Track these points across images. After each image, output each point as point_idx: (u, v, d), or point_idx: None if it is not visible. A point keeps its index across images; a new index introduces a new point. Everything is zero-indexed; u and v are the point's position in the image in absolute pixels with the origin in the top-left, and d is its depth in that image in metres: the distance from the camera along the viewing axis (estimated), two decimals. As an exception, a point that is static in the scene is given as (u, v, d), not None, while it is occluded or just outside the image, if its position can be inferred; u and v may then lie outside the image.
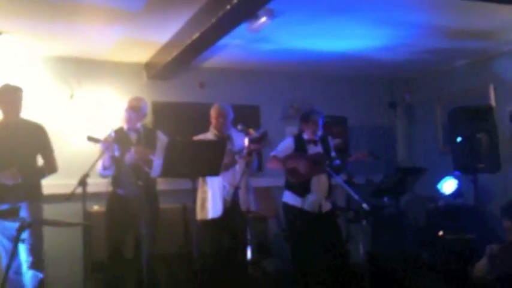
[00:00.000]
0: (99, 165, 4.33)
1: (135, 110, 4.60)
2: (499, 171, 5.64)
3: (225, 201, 4.63)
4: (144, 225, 4.38)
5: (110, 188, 4.53)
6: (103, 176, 4.41)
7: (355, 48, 5.88)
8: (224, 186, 4.65)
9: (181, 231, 4.98)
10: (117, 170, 4.44)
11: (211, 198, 4.68)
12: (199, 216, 4.67)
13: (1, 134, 4.22)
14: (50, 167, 4.37)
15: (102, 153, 4.27)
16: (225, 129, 4.78)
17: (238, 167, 4.69)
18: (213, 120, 4.82)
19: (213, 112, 4.83)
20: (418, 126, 7.57)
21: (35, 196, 4.28)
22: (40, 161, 4.40)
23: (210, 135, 4.79)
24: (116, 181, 4.51)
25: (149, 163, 4.43)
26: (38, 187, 4.36)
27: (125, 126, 4.61)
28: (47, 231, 4.39)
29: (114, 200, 4.52)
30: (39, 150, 4.39)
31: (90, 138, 4.21)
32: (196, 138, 4.73)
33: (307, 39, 5.52)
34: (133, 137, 4.56)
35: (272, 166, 4.82)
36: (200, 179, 4.67)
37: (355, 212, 5.48)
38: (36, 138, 4.37)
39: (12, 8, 4.24)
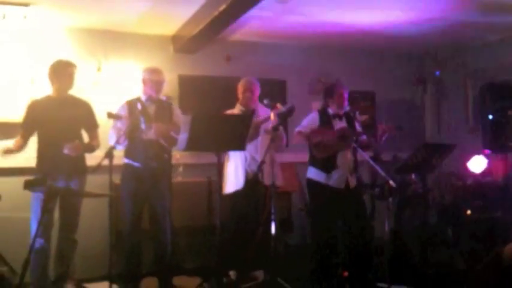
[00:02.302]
0: (111, 138, 4.34)
1: (156, 81, 4.57)
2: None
3: (247, 174, 4.63)
4: (162, 198, 4.44)
5: (124, 160, 4.51)
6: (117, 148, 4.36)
7: (384, 21, 5.76)
8: (246, 159, 4.65)
9: (206, 205, 5.00)
10: (134, 144, 4.41)
11: (233, 171, 4.69)
12: (225, 189, 4.70)
13: (52, 109, 4.35)
14: (95, 143, 4.51)
15: (116, 126, 4.36)
16: (251, 104, 4.76)
17: (261, 141, 4.68)
18: (240, 95, 4.80)
19: (240, 86, 4.81)
20: (447, 103, 7.42)
21: (84, 170, 4.45)
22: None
23: (236, 110, 4.77)
24: (131, 154, 4.47)
25: (168, 138, 4.44)
26: (85, 161, 4.49)
27: (143, 97, 4.59)
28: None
29: (131, 171, 4.48)
30: (85, 126, 4.52)
31: (110, 115, 4.24)
32: (224, 112, 4.72)
33: (335, 12, 5.42)
34: (151, 109, 4.53)
35: (297, 141, 4.76)
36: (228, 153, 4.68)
37: (380, 189, 5.43)
38: (84, 114, 4.52)
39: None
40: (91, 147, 4.50)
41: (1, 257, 4.48)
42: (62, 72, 4.39)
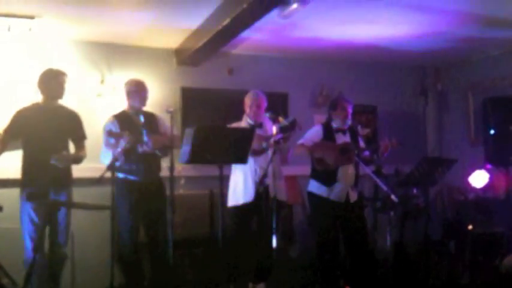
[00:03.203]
0: (105, 157, 4.24)
1: (141, 92, 4.57)
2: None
3: (256, 187, 4.64)
4: (159, 212, 4.43)
5: (119, 175, 4.38)
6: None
7: (386, 35, 5.79)
8: (256, 171, 4.65)
9: (208, 217, 5.00)
10: (129, 158, 4.36)
11: (243, 183, 4.68)
12: (230, 201, 4.69)
13: (39, 117, 4.30)
14: (82, 154, 4.50)
15: (109, 143, 4.26)
16: (258, 118, 4.77)
17: (271, 153, 4.69)
18: (247, 109, 4.80)
19: (247, 100, 4.82)
20: (449, 116, 7.44)
21: (71, 181, 4.43)
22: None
23: (243, 123, 4.78)
24: (127, 169, 4.41)
25: (164, 149, 4.46)
26: (71, 173, 4.46)
27: (131, 110, 4.57)
28: (76, 214, 4.49)
29: (128, 187, 4.42)
30: (72, 136, 4.48)
31: (110, 134, 4.21)
32: (230, 126, 4.72)
33: (337, 26, 5.45)
34: (139, 120, 4.47)
35: (298, 154, 4.76)
36: (233, 165, 4.67)
37: (382, 202, 5.43)
38: (71, 125, 4.47)
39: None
40: (78, 158, 4.46)
41: (2, 268, 4.46)
42: (52, 80, 4.34)
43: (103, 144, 4.37)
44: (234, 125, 4.77)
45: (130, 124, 4.39)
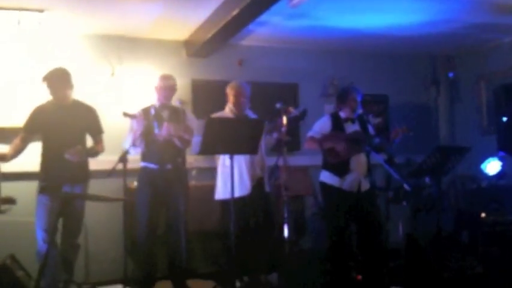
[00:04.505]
0: (127, 141, 4.40)
1: (168, 87, 4.64)
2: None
3: (252, 179, 4.64)
4: (176, 202, 4.47)
5: (141, 164, 4.60)
6: (131, 152, 4.39)
7: (396, 23, 5.74)
8: (252, 164, 4.66)
9: (218, 209, 5.00)
10: (150, 146, 4.49)
11: (237, 175, 4.66)
12: (222, 194, 4.68)
13: (55, 114, 4.38)
14: (99, 148, 4.53)
15: (131, 129, 4.40)
16: (243, 109, 4.76)
17: (263, 145, 4.69)
18: (233, 98, 4.77)
19: (232, 90, 4.79)
20: (461, 105, 7.37)
21: (88, 175, 4.48)
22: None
23: (228, 113, 4.77)
24: (148, 157, 4.57)
25: (182, 140, 4.49)
26: (88, 167, 4.51)
27: (157, 104, 4.64)
28: (89, 206, 4.52)
29: (147, 175, 4.58)
30: (89, 131, 4.54)
31: (125, 114, 4.34)
32: (214, 115, 4.71)
33: (347, 15, 5.41)
34: (165, 114, 4.60)
35: (309, 147, 4.74)
36: (221, 157, 4.66)
37: (395, 192, 5.40)
38: (87, 120, 4.53)
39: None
40: (95, 152, 4.52)
41: (16, 261, 4.51)
42: (56, 80, 4.37)
43: (128, 131, 4.55)
44: (217, 114, 4.76)
45: (150, 115, 4.46)
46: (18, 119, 4.59)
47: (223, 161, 4.68)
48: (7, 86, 5.31)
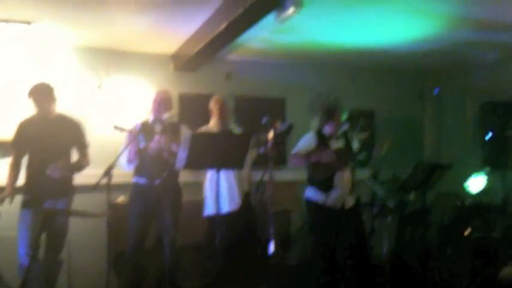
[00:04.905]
0: (122, 158, 4.35)
1: (162, 102, 4.62)
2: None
3: (239, 195, 4.63)
4: (166, 216, 4.44)
5: (133, 178, 4.57)
6: (126, 169, 4.43)
7: (383, 39, 5.79)
8: (239, 179, 4.65)
9: (206, 224, 4.98)
10: (141, 160, 4.47)
11: (227, 190, 4.66)
12: (211, 210, 4.66)
13: (39, 130, 4.35)
14: (84, 162, 4.50)
15: (127, 145, 4.31)
16: (228, 122, 4.78)
17: (248, 160, 4.69)
18: (217, 112, 4.79)
19: (215, 104, 4.82)
20: (447, 120, 7.43)
21: (72, 190, 4.44)
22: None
23: (213, 127, 4.77)
24: (139, 170, 4.54)
25: (172, 154, 4.47)
26: (72, 182, 4.49)
27: (151, 118, 4.63)
28: (73, 221, 4.48)
29: (137, 191, 4.56)
30: (74, 145, 4.50)
31: (116, 128, 4.30)
32: (200, 130, 4.71)
33: (334, 31, 5.45)
34: (158, 128, 4.57)
35: (294, 163, 4.74)
36: (209, 172, 4.65)
37: (379, 208, 5.42)
38: (73, 134, 4.50)
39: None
40: (79, 166, 4.49)
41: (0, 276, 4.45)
42: (40, 95, 4.35)
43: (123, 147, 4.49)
44: (203, 129, 4.76)
45: (135, 130, 4.42)
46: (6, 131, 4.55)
47: (211, 176, 4.67)
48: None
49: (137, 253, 4.49)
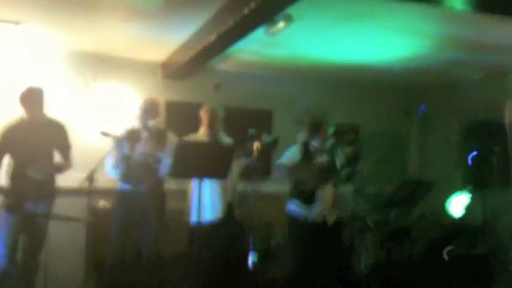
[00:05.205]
0: (108, 164, 4.33)
1: (148, 109, 4.61)
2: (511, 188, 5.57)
3: (222, 205, 4.62)
4: (149, 225, 4.42)
5: (118, 184, 4.53)
6: (112, 175, 4.41)
7: (371, 55, 5.86)
8: (223, 189, 4.65)
9: (187, 233, 4.95)
10: (127, 167, 4.45)
11: (209, 199, 4.65)
12: (194, 218, 4.65)
13: (23, 133, 4.31)
14: (66, 164, 4.46)
15: (112, 150, 4.29)
16: (217, 131, 4.78)
17: (234, 171, 4.69)
18: (205, 121, 4.80)
19: (205, 113, 4.82)
20: (432, 137, 7.49)
21: (53, 193, 4.40)
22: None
23: (202, 135, 4.77)
24: (123, 177, 4.49)
25: (158, 161, 4.45)
26: (54, 184, 4.44)
27: (137, 125, 4.62)
28: (52, 224, 4.43)
29: (121, 198, 4.51)
30: (57, 147, 4.47)
31: (103, 133, 4.25)
32: (187, 138, 4.71)
33: (323, 46, 5.50)
34: (144, 135, 4.56)
35: (278, 174, 4.76)
36: (193, 181, 4.64)
37: (361, 224, 5.43)
38: (56, 136, 4.47)
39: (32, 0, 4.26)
40: (60, 168, 4.44)
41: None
42: (30, 99, 4.33)
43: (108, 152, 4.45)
44: (192, 136, 4.76)
45: (120, 137, 4.40)
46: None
47: (195, 184, 4.66)
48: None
49: (118, 261, 4.45)
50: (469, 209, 6.01)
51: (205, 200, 4.62)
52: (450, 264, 5.45)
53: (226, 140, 4.80)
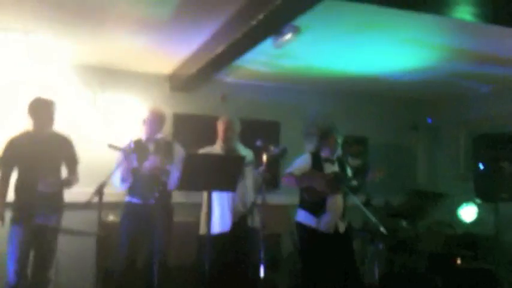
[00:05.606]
0: (116, 177, 4.32)
1: (155, 121, 4.61)
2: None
3: (234, 216, 4.60)
4: (157, 237, 4.39)
5: (126, 197, 4.53)
6: (120, 188, 4.41)
7: (379, 67, 5.84)
8: (234, 200, 4.62)
9: (196, 245, 4.93)
10: (134, 180, 4.44)
11: (219, 212, 4.63)
12: (204, 230, 4.62)
13: (29, 147, 4.31)
14: (73, 179, 4.47)
15: (120, 163, 4.28)
16: (233, 144, 4.76)
17: (248, 182, 4.66)
18: (221, 133, 4.78)
19: (220, 125, 4.80)
20: (439, 150, 7.47)
21: (62, 206, 4.42)
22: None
23: (217, 148, 4.76)
24: (132, 190, 4.50)
25: (166, 174, 4.44)
26: (62, 197, 4.45)
27: (144, 137, 4.61)
28: (62, 238, 4.44)
29: (129, 209, 4.51)
30: (64, 161, 4.47)
31: (111, 146, 4.22)
32: (202, 150, 4.70)
33: (331, 58, 5.50)
34: (151, 147, 4.56)
35: (287, 183, 4.75)
36: (205, 193, 4.62)
37: (371, 234, 5.40)
38: (63, 151, 4.48)
39: (41, 10, 4.25)
40: (68, 182, 4.45)
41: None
42: (40, 110, 4.35)
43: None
44: (207, 148, 4.75)
45: (129, 148, 4.38)
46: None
47: (207, 197, 4.65)
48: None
49: (127, 273, 4.43)
50: (480, 220, 5.98)
51: (216, 212, 4.61)
52: (457, 277, 5.42)
53: (245, 151, 4.75)
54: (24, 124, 4.45)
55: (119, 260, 4.43)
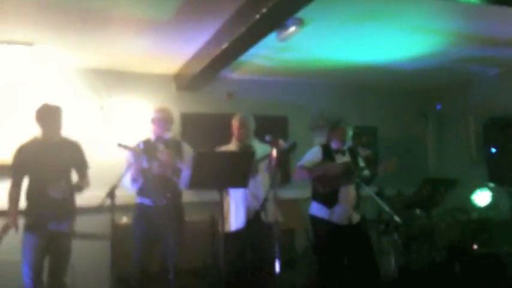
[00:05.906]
0: (127, 179, 4.31)
1: (163, 120, 4.60)
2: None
3: (248, 213, 4.58)
4: (170, 238, 4.38)
5: (137, 199, 4.52)
6: (131, 189, 4.40)
7: (385, 56, 5.80)
8: (247, 196, 4.60)
9: (209, 244, 4.93)
10: (145, 180, 4.43)
11: (234, 209, 4.62)
12: (226, 227, 4.62)
13: (39, 154, 4.30)
14: (84, 183, 4.46)
15: (130, 164, 4.27)
16: (247, 140, 4.73)
17: (261, 178, 4.64)
18: (235, 131, 4.76)
19: (234, 122, 4.77)
20: (449, 137, 7.42)
21: (74, 211, 4.40)
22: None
23: (232, 146, 4.74)
24: (142, 191, 4.49)
25: (176, 173, 4.43)
26: (74, 202, 4.45)
27: (152, 137, 4.60)
28: (76, 243, 4.43)
29: (141, 212, 4.49)
30: (74, 166, 4.47)
31: (120, 145, 4.20)
32: (218, 148, 4.69)
33: (336, 49, 5.47)
34: (160, 147, 4.54)
35: (299, 176, 4.72)
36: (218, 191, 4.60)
37: (386, 225, 5.37)
38: (72, 156, 4.47)
39: (44, 20, 4.28)
40: (78, 187, 4.44)
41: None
42: (48, 117, 4.34)
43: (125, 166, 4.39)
44: (223, 148, 4.73)
45: (138, 149, 4.37)
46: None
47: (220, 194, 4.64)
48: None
49: (141, 276, 4.43)
50: (493, 205, 5.93)
51: (232, 209, 4.60)
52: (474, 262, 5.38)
53: (261, 147, 4.72)
54: (29, 128, 4.45)
55: (135, 263, 4.42)
